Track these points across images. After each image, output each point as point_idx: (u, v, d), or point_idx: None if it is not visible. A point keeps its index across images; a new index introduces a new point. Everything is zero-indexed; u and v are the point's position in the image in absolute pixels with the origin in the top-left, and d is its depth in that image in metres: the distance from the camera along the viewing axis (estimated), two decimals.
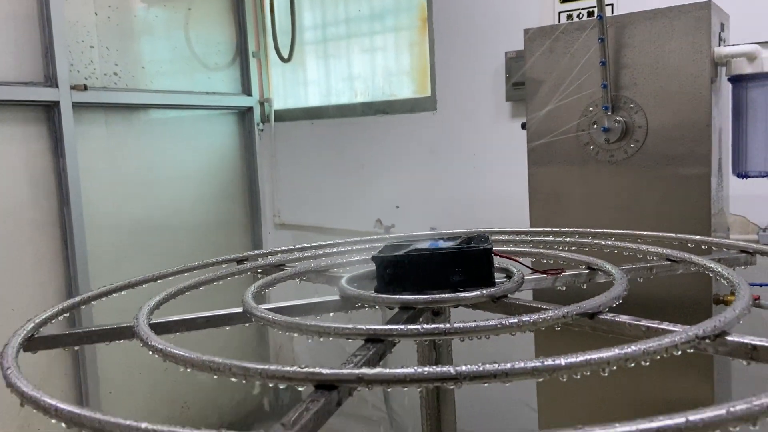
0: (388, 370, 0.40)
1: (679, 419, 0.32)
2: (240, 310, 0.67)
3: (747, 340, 0.46)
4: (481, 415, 2.15)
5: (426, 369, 0.39)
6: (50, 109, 2.06)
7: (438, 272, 0.63)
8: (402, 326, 0.50)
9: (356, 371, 0.41)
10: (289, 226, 2.67)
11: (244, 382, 0.44)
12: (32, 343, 0.64)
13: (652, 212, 1.37)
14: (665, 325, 0.48)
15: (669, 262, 0.78)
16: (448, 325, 0.48)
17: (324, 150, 2.54)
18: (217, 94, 2.58)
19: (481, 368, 0.38)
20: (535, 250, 0.88)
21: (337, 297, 0.68)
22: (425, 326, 0.49)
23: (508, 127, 2.10)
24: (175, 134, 2.46)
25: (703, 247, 1.02)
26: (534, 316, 0.49)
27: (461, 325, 0.49)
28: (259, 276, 0.98)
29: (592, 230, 1.14)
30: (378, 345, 0.49)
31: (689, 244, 1.00)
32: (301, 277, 0.89)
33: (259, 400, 2.75)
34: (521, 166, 1.52)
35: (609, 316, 0.51)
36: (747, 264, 0.94)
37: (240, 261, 1.14)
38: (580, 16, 1.88)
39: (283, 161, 2.68)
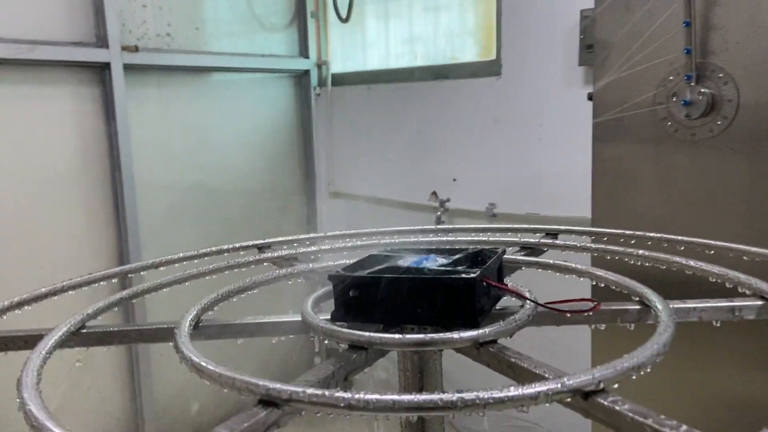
0: None
1: None
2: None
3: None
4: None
5: None
6: (101, 71, 2.02)
7: (409, 301, 0.49)
8: (302, 389, 0.38)
9: None
10: (343, 195, 2.57)
11: None
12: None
13: (741, 202, 1.15)
14: (683, 430, 0.32)
15: (762, 302, 0.58)
16: (360, 396, 0.35)
17: (380, 116, 2.40)
18: (273, 57, 2.48)
19: None
20: (577, 265, 0.70)
21: (298, 318, 0.55)
22: (328, 393, 0.37)
23: (580, 94, 1.87)
24: (229, 98, 2.38)
25: None
26: (486, 395, 0.35)
27: (375, 397, 0.36)
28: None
29: (685, 239, 0.81)
30: (271, 410, 0.38)
31: None
32: (295, 278, 0.77)
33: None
34: None
35: (609, 400, 0.36)
36: None
37: (261, 248, 1.00)
38: None
39: (339, 127, 2.56)
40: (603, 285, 0.65)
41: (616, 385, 0.38)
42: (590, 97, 1.33)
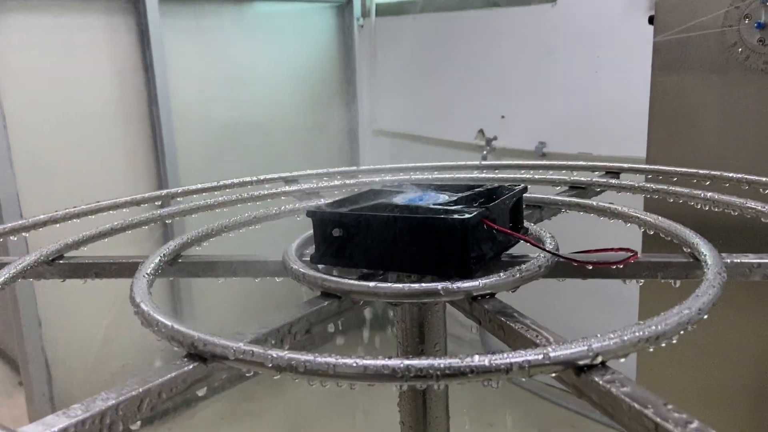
0: None
1: None
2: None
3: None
4: None
5: None
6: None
7: (393, 244, 0.41)
8: (232, 343, 0.32)
9: None
10: (387, 133, 2.47)
11: None
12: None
13: None
14: (693, 427, 0.24)
15: None
16: (290, 356, 0.29)
17: (426, 49, 2.26)
18: None
19: None
20: (624, 209, 0.58)
21: (280, 258, 0.49)
22: (257, 350, 0.30)
23: (642, 22, 1.70)
24: (269, 30, 2.29)
25: None
26: (442, 363, 0.27)
27: (307, 358, 0.29)
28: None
29: None
30: (198, 365, 0.31)
31: None
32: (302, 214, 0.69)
33: None
34: None
35: (605, 379, 0.27)
36: None
37: (289, 181, 0.92)
38: None
39: (383, 61, 2.44)
40: (652, 232, 0.54)
41: (622, 360, 0.29)
42: (651, 21, 1.18)
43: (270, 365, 0.29)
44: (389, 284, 0.38)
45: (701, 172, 0.71)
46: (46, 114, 1.83)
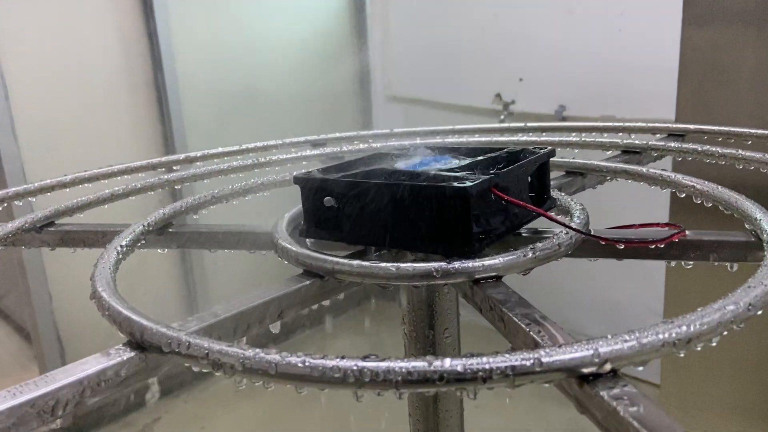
0: None
1: None
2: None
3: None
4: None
5: None
6: None
7: (392, 217, 0.35)
8: (174, 333, 0.27)
9: None
10: (400, 99, 2.39)
11: None
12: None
13: None
14: None
15: None
16: (229, 350, 0.24)
17: (441, 10, 2.17)
18: None
19: None
20: (676, 176, 0.49)
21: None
22: (194, 341, 0.26)
23: None
24: None
25: None
26: (404, 366, 0.22)
27: (247, 354, 0.24)
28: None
29: None
30: (136, 355, 0.26)
31: None
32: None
33: None
34: None
35: (612, 394, 0.21)
36: None
37: (316, 145, 0.85)
38: None
39: (396, 24, 2.34)
40: (710, 204, 0.46)
41: (640, 368, 0.23)
42: None
43: (204, 361, 0.24)
44: (377, 263, 0.32)
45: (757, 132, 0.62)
46: (49, 83, 1.78)
